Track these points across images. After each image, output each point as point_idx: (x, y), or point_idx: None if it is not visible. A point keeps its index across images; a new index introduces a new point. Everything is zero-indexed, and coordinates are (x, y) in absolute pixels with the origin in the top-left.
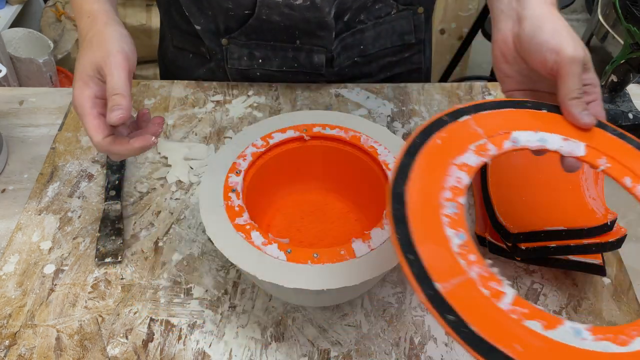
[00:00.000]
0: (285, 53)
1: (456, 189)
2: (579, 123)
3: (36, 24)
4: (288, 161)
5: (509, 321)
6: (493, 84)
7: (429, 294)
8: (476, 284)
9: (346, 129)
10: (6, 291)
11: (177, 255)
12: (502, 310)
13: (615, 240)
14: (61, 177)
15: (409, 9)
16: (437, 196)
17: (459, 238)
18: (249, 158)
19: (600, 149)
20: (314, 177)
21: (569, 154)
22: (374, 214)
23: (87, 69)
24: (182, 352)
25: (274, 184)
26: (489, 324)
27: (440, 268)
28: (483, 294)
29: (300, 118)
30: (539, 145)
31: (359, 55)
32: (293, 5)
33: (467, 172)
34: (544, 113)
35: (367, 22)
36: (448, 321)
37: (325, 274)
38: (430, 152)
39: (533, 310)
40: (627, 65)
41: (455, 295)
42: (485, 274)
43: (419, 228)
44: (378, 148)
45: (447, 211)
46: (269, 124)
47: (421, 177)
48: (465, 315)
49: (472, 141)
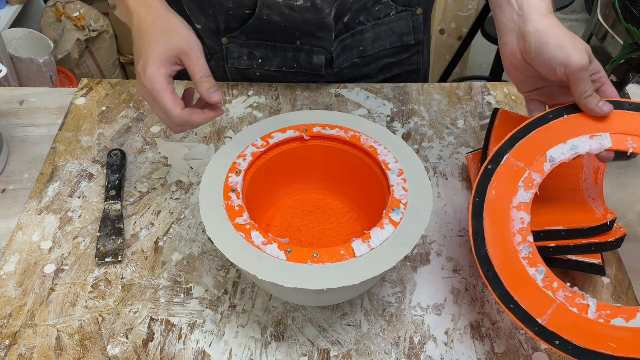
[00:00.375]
0: (285, 53)
1: (523, 230)
2: (599, 115)
3: (36, 24)
4: (288, 161)
5: (599, 326)
6: (493, 84)
7: (535, 330)
8: (566, 306)
9: (346, 129)
10: (6, 291)
11: (178, 255)
12: (591, 320)
13: (614, 240)
14: (61, 177)
15: (408, 10)
16: (512, 244)
17: (540, 273)
18: (249, 158)
19: (625, 131)
20: (314, 177)
21: (599, 150)
22: (374, 213)
23: (167, 52)
24: (183, 352)
25: (274, 184)
26: (584, 335)
27: (536, 305)
28: (573, 312)
29: (300, 118)
30: (572, 154)
31: (358, 57)
32: (294, 6)
33: (525, 210)
34: (566, 119)
35: (367, 24)
36: (555, 346)
37: (325, 274)
38: (492, 206)
39: (614, 310)
40: (627, 65)
41: (554, 322)
42: (570, 295)
43: (509, 279)
44: (378, 148)
45: (524, 254)
46: (269, 124)
47: (493, 233)
48: (566, 334)
49: (519, 178)
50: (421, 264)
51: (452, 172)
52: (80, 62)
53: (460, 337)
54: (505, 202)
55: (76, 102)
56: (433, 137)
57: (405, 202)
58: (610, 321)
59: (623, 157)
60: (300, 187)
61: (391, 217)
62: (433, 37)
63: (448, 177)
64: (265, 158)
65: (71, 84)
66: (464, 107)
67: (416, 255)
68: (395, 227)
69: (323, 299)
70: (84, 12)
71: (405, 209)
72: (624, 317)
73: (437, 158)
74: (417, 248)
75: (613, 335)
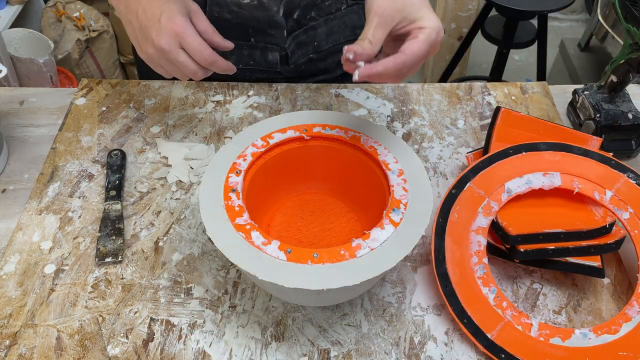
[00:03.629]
0: (241, 50)
1: (479, 252)
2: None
3: (36, 24)
4: (288, 161)
5: (540, 344)
6: (493, 84)
7: (485, 344)
8: (512, 324)
9: (346, 129)
10: (6, 291)
11: (178, 255)
12: (533, 337)
13: (614, 242)
14: (61, 177)
15: (359, 3)
16: (469, 264)
17: (492, 292)
18: (249, 158)
19: (572, 172)
20: (314, 177)
21: (550, 186)
22: (374, 213)
23: (182, 9)
24: (183, 352)
25: (274, 184)
26: (527, 351)
27: (486, 321)
28: (518, 330)
29: (300, 118)
30: (527, 187)
31: (313, 52)
32: (241, 4)
33: (482, 234)
34: (524, 155)
35: (319, 19)
36: (502, 359)
37: (325, 274)
38: (453, 228)
39: (553, 330)
40: (627, 65)
41: (501, 338)
42: (516, 314)
43: (464, 296)
44: (378, 148)
45: (479, 274)
46: (269, 124)
47: (453, 252)
48: (511, 350)
49: (478, 204)
50: (421, 264)
51: (452, 172)
52: (80, 62)
53: (460, 337)
54: (465, 225)
55: (76, 102)
56: (433, 137)
57: (405, 202)
58: (549, 340)
59: (623, 157)
60: (301, 188)
61: (391, 217)
62: None
63: (448, 177)
64: (265, 158)
65: (71, 84)
66: (464, 107)
67: (416, 255)
68: (395, 227)
69: (323, 299)
70: (84, 12)
71: (405, 209)
72: (560, 337)
73: (437, 158)
74: (417, 248)
75: (551, 353)
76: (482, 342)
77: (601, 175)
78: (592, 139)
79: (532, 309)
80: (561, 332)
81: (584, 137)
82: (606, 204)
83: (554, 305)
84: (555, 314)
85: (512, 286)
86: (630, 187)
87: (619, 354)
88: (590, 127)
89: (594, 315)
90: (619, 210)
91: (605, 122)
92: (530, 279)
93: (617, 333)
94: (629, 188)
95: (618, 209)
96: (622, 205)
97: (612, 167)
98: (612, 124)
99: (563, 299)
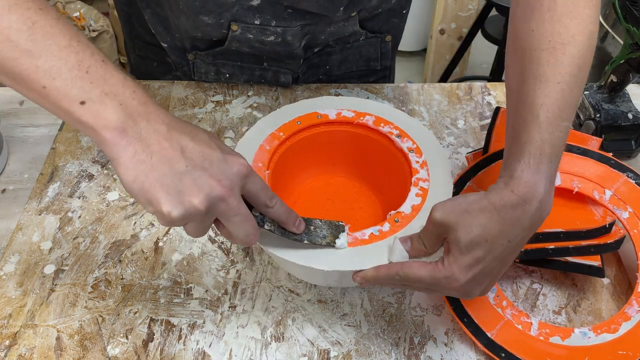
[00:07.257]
0: (252, 72)
1: None
2: None
3: None
4: (312, 145)
5: (539, 343)
6: (493, 84)
7: (484, 342)
8: (512, 323)
9: (366, 114)
10: (6, 291)
11: (177, 255)
12: (533, 336)
13: (613, 242)
14: (61, 177)
15: (377, 36)
16: None
17: (492, 292)
18: (275, 142)
19: (572, 172)
20: (339, 161)
21: None
22: (395, 198)
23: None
24: (182, 352)
25: (298, 167)
26: (526, 350)
27: (486, 320)
28: (518, 329)
29: (324, 103)
30: None
31: (324, 74)
32: (264, 41)
33: None
34: None
35: (335, 46)
36: (502, 358)
37: (355, 255)
38: None
39: (552, 329)
40: (627, 65)
41: (501, 336)
42: (516, 313)
43: None
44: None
45: None
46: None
47: None
48: (511, 348)
49: None
50: None
51: (452, 172)
52: None
53: (460, 337)
54: None
55: None
56: None
57: (426, 187)
58: (549, 339)
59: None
60: (323, 171)
61: (413, 202)
62: (433, 37)
63: None
64: (292, 140)
65: None
66: (463, 107)
67: None
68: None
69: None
70: (84, 12)
71: (426, 197)
72: (560, 336)
73: None
74: None
75: (551, 352)
76: (482, 341)
77: (601, 175)
78: (592, 139)
79: (532, 309)
80: (561, 331)
81: (583, 137)
82: (606, 203)
83: (553, 306)
84: (555, 314)
85: (511, 286)
86: (629, 186)
87: (619, 353)
88: (590, 127)
89: (593, 315)
90: (618, 209)
91: (605, 122)
92: (530, 279)
93: (616, 332)
94: (628, 188)
95: (617, 208)
96: (621, 204)
97: (612, 167)
98: (612, 124)
99: (563, 299)
